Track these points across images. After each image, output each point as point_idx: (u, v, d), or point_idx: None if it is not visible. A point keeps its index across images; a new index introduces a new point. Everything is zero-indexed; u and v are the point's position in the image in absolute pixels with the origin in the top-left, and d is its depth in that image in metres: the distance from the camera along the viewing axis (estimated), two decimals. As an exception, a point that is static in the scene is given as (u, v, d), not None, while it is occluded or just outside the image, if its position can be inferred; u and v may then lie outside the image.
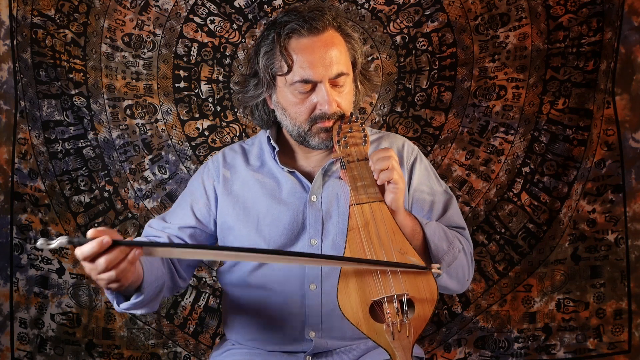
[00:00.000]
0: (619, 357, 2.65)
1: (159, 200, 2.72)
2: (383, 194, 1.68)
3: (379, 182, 1.67)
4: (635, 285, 2.63)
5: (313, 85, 1.78)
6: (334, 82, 1.79)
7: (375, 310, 1.52)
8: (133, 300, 1.65)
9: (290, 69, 1.78)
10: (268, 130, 1.96)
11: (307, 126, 1.81)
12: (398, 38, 2.67)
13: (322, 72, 1.76)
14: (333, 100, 1.78)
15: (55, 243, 1.40)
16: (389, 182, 1.65)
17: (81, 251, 1.45)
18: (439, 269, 1.57)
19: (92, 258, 1.46)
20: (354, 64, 1.86)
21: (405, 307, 1.50)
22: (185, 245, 1.81)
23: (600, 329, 2.65)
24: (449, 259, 1.77)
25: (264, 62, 1.83)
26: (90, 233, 1.47)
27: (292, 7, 2.19)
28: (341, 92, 1.81)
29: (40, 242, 1.40)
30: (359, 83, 1.91)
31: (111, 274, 1.48)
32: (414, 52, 2.67)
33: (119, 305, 1.67)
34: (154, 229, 1.95)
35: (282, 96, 1.84)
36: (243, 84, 1.97)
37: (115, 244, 1.45)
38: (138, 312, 1.75)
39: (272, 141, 1.93)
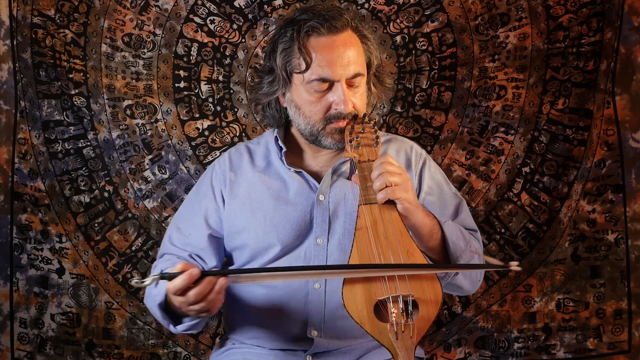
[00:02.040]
0: (619, 357, 2.66)
1: (159, 200, 2.72)
2: None
3: (378, 200, 1.66)
4: (635, 285, 2.63)
5: (330, 84, 1.78)
6: (350, 82, 1.79)
7: (379, 309, 1.52)
8: (189, 321, 1.71)
9: (308, 67, 1.78)
10: (276, 130, 1.96)
11: (321, 125, 1.81)
12: (398, 38, 2.67)
13: (340, 71, 1.76)
14: (349, 100, 1.78)
15: (149, 280, 1.48)
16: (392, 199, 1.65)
17: (173, 285, 1.53)
18: (517, 265, 1.57)
19: (183, 291, 1.53)
20: (368, 66, 1.86)
21: (410, 307, 1.51)
22: (268, 269, 1.81)
23: (600, 329, 2.65)
24: (466, 258, 1.78)
25: (281, 59, 1.82)
26: (178, 267, 1.54)
27: (309, 6, 2.20)
28: (356, 93, 1.81)
29: (134, 281, 1.47)
30: (371, 85, 1.91)
31: (201, 305, 1.56)
32: (414, 52, 2.67)
33: (175, 327, 1.72)
34: (177, 247, 1.95)
35: (297, 94, 1.83)
36: (257, 81, 1.97)
37: (203, 274, 1.52)
38: (193, 331, 1.81)
39: (279, 141, 1.92)
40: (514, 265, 1.57)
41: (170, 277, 1.53)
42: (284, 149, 1.92)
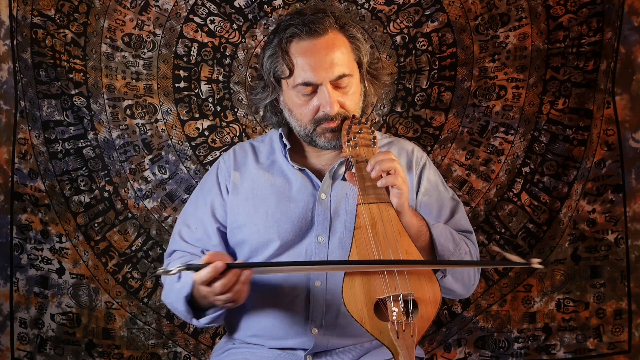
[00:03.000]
0: (619, 357, 2.65)
1: (159, 200, 2.72)
2: (389, 194, 1.69)
3: (379, 185, 1.67)
4: (635, 285, 2.63)
5: (314, 87, 1.80)
6: (336, 84, 1.80)
7: (379, 308, 1.52)
8: (212, 313, 1.75)
9: (291, 73, 1.80)
10: (280, 129, 1.98)
11: (312, 127, 1.84)
12: (398, 38, 2.67)
13: (322, 74, 1.78)
14: (335, 102, 1.80)
15: (175, 270, 1.52)
16: (392, 186, 1.67)
17: (199, 276, 1.58)
18: (539, 263, 1.58)
19: (209, 282, 1.57)
20: (359, 65, 1.87)
21: (410, 307, 1.51)
22: (292, 263, 1.86)
23: (600, 329, 2.65)
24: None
25: (268, 65, 1.87)
26: (205, 258, 1.59)
27: (297, 9, 2.21)
28: (346, 93, 1.83)
29: (160, 270, 1.55)
30: (367, 83, 1.92)
31: (227, 295, 1.61)
32: (414, 52, 2.67)
33: (198, 320, 1.77)
34: (187, 243, 1.97)
35: (288, 98, 1.86)
36: (253, 86, 2.00)
37: (229, 267, 1.57)
38: (214, 325, 1.85)
39: (284, 138, 1.94)
40: (536, 263, 1.58)
41: (196, 268, 1.57)
42: (289, 146, 1.93)
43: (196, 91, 2.70)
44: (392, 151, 1.98)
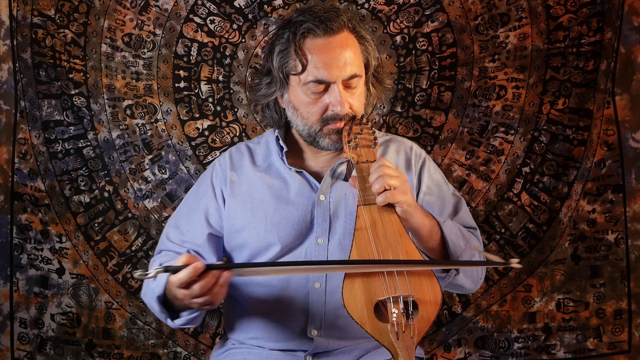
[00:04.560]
0: (619, 357, 2.66)
1: (159, 200, 2.72)
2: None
3: (379, 203, 1.66)
4: (635, 285, 2.63)
5: (326, 85, 1.78)
6: (346, 84, 1.79)
7: (379, 309, 1.52)
8: (187, 315, 1.71)
9: (304, 69, 1.78)
10: (277, 130, 1.96)
11: (319, 127, 1.82)
12: (398, 38, 2.67)
13: (336, 73, 1.76)
14: (346, 102, 1.78)
15: (152, 272, 1.47)
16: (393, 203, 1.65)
17: (177, 278, 1.53)
18: (518, 262, 1.58)
19: (187, 284, 1.53)
20: (366, 66, 1.86)
21: (410, 308, 1.50)
22: (272, 264, 1.84)
23: (600, 329, 2.65)
24: (467, 257, 1.78)
25: (278, 60, 1.82)
26: (181, 259, 1.54)
27: (307, 7, 2.20)
28: (353, 94, 1.81)
29: (138, 273, 1.47)
30: (370, 85, 1.91)
31: (205, 298, 1.56)
32: (414, 52, 2.67)
33: (173, 321, 1.73)
34: (174, 244, 1.95)
35: (295, 95, 1.83)
36: (256, 82, 1.97)
37: (208, 268, 1.53)
38: (190, 326, 1.80)
39: (280, 141, 1.92)
40: (514, 262, 1.57)
41: (174, 270, 1.53)
42: (285, 149, 1.92)
43: (196, 91, 2.70)
44: (390, 149, 1.98)
